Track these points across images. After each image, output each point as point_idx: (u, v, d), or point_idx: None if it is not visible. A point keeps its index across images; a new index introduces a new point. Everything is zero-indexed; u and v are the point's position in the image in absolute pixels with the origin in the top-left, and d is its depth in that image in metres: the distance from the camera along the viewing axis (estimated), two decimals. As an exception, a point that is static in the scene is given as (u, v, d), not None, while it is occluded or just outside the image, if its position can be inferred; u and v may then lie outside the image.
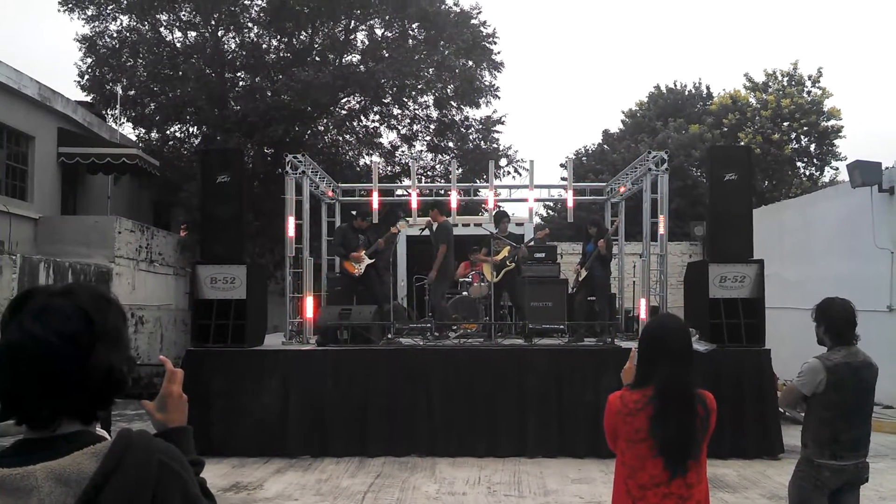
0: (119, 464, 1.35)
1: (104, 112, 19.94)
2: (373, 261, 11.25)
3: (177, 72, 19.55)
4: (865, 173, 12.84)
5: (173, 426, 1.71)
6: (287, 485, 7.85)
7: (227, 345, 9.48)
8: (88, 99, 19.80)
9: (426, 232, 11.17)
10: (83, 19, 19.84)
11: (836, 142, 26.65)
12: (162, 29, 20.35)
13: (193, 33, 20.38)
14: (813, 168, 27.41)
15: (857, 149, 44.17)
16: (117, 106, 19.21)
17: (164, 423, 1.72)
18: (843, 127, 26.35)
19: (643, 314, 10.66)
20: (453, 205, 12.47)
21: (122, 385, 1.49)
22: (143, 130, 20.57)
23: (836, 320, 4.32)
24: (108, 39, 20.01)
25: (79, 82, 19.97)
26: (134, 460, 1.37)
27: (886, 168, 13.17)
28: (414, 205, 12.68)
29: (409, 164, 18.05)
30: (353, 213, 11.81)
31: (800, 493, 4.29)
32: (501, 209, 12.39)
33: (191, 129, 20.93)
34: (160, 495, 1.37)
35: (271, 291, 14.51)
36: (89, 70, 19.86)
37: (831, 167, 27.30)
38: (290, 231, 10.65)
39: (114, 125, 19.52)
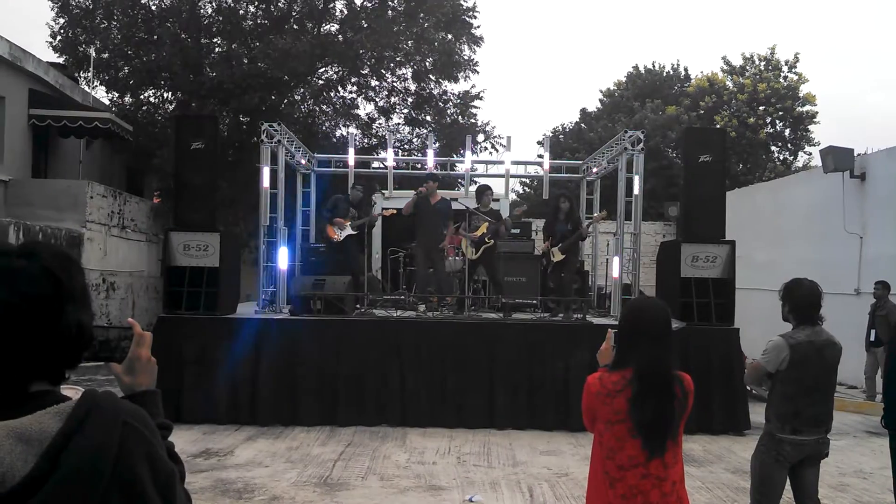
0: (82, 424, 1.31)
1: (77, 74, 19.52)
2: (356, 233, 11.23)
3: (152, 35, 19.17)
4: (838, 159, 13.02)
5: (141, 389, 1.70)
6: (258, 452, 7.87)
7: (199, 312, 9.43)
8: (61, 60, 19.38)
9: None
10: (56, -23, 19.36)
11: (811, 127, 26.89)
12: (137, -10, 19.88)
13: (169, -4, 19.97)
14: (787, 153, 27.64)
15: (831, 135, 44.66)
16: (90, 68, 18.83)
17: (131, 386, 1.70)
18: (817, 113, 26.57)
19: (616, 292, 10.77)
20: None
21: (91, 342, 1.47)
22: (117, 94, 20.17)
23: (802, 301, 4.39)
24: (81, -1, 19.58)
25: (51, 43, 19.52)
26: (98, 421, 1.33)
27: (858, 154, 13.37)
28: (390, 177, 12.64)
29: (387, 136, 17.95)
30: (353, 186, 11.89)
31: (761, 466, 4.40)
32: (483, 184, 12.44)
33: (165, 95, 20.58)
34: (124, 457, 1.33)
35: (245, 260, 14.43)
36: (62, 31, 19.40)
37: (805, 152, 27.57)
38: (265, 200, 10.58)
39: (86, 88, 19.15)
